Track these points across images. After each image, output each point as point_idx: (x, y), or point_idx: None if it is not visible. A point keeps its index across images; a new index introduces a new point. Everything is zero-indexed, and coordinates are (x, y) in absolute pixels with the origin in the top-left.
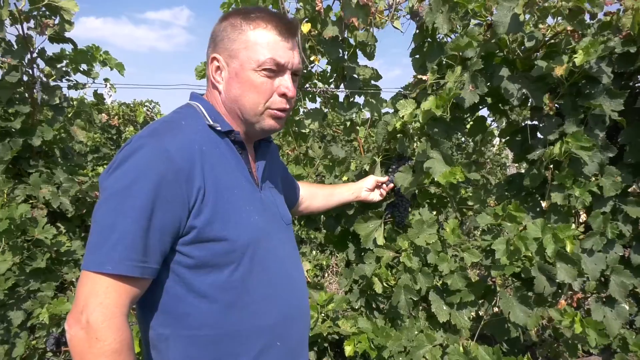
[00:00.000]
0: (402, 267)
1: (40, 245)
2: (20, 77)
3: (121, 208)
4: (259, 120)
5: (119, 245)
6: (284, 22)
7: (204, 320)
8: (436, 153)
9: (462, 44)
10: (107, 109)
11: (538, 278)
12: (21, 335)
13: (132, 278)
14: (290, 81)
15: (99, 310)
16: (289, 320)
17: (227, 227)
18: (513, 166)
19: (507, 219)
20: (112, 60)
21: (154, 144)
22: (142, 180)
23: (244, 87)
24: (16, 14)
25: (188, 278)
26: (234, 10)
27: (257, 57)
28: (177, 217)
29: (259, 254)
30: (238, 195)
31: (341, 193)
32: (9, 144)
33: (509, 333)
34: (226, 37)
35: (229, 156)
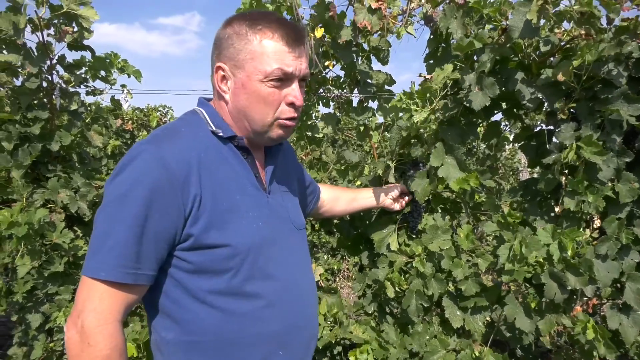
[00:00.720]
0: (414, 272)
1: (58, 250)
2: (40, 84)
3: (117, 215)
4: (268, 130)
5: (113, 252)
6: (291, 30)
7: (204, 326)
8: (450, 159)
9: (464, 44)
10: (121, 113)
11: (548, 284)
12: (39, 338)
13: (126, 285)
14: (298, 90)
15: (93, 315)
16: (293, 329)
17: (225, 234)
18: (526, 171)
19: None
20: (130, 68)
21: (151, 152)
22: (137, 188)
23: (252, 99)
24: (36, 21)
25: (187, 283)
26: (239, 16)
27: (264, 68)
28: (172, 224)
29: (261, 261)
30: (240, 201)
31: (365, 199)
32: (28, 149)
33: (522, 340)
34: (231, 46)
35: (233, 162)
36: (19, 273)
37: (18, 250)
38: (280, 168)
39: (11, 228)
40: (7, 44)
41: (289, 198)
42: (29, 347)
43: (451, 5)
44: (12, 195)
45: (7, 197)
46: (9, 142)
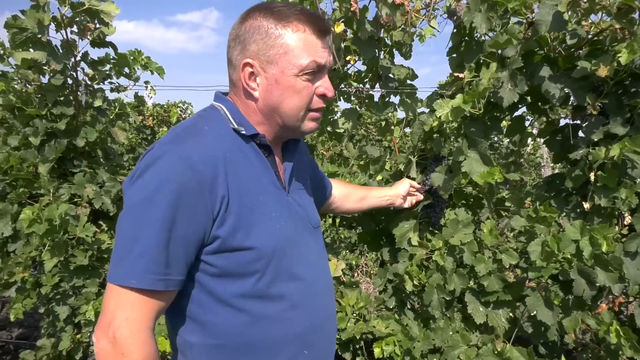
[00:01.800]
0: (434, 265)
1: (82, 244)
2: (65, 80)
3: (143, 219)
4: (301, 124)
5: (142, 258)
6: (319, 22)
7: (229, 329)
8: (474, 153)
9: (501, 41)
10: (144, 110)
11: (577, 281)
12: (67, 330)
13: (157, 291)
14: (329, 81)
15: (126, 325)
16: (316, 328)
17: (251, 236)
18: (548, 166)
19: (539, 221)
20: (153, 64)
21: (176, 152)
22: (164, 190)
23: (286, 94)
24: (60, 19)
25: (212, 287)
26: (260, 9)
27: (299, 62)
28: (201, 227)
29: (285, 262)
30: (263, 202)
31: (375, 197)
32: (54, 144)
33: (547, 336)
34: (260, 41)
35: (255, 161)
36: (46, 267)
37: (44, 244)
38: (297, 166)
39: (32, 226)
40: (33, 42)
41: (305, 196)
42: (56, 339)
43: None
44: (39, 190)
45: (35, 192)
46: (35, 137)
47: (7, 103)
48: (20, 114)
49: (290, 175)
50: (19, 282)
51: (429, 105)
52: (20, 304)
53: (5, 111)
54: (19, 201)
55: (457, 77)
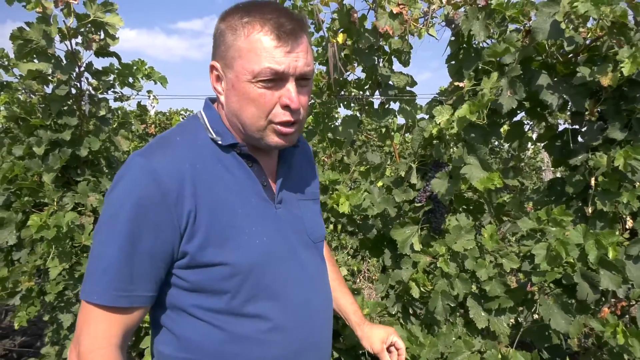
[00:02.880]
0: (439, 272)
1: (87, 251)
2: (69, 91)
3: (108, 236)
4: (263, 136)
5: (105, 275)
6: (285, 20)
7: (203, 345)
8: (473, 159)
9: (499, 50)
10: (147, 118)
11: (581, 285)
12: (70, 337)
13: (122, 308)
14: (293, 91)
15: (87, 340)
16: (300, 354)
17: (223, 251)
18: (549, 170)
19: (552, 223)
20: (156, 74)
21: (142, 165)
22: (128, 205)
23: (242, 101)
24: (64, 30)
25: (185, 301)
26: (234, 8)
27: (251, 67)
28: (168, 241)
29: (267, 280)
30: (242, 215)
31: (347, 309)
32: (58, 154)
33: (550, 340)
34: (222, 43)
35: (236, 171)
36: (51, 274)
37: (49, 252)
38: (296, 173)
39: (41, 231)
40: (38, 53)
41: (307, 206)
42: (60, 346)
43: (473, 7)
44: (43, 199)
45: (39, 200)
46: (39, 147)
47: (11, 114)
48: (25, 124)
49: (282, 184)
50: (23, 291)
51: (429, 112)
52: (24, 312)
53: (9, 122)
54: (23, 210)
55: (457, 87)
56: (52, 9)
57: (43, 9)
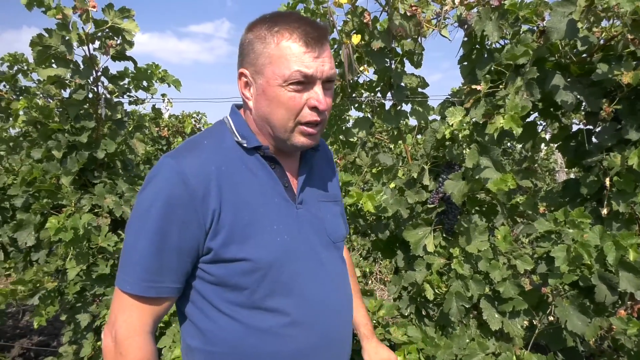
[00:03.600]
0: (453, 274)
1: (104, 252)
2: (86, 95)
3: (140, 230)
4: (290, 137)
5: (137, 266)
6: (311, 29)
7: (225, 338)
8: (486, 160)
9: (518, 53)
10: (162, 122)
11: (599, 287)
12: (87, 336)
13: (150, 298)
14: (321, 93)
15: (124, 326)
16: (317, 349)
17: (245, 248)
18: (562, 171)
19: (570, 225)
20: (170, 77)
21: (172, 166)
22: (158, 203)
23: (272, 104)
24: (83, 36)
25: (210, 294)
26: (260, 19)
27: (282, 72)
28: (194, 238)
29: (285, 276)
30: (263, 214)
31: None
32: (76, 156)
33: (565, 343)
34: (251, 51)
35: (259, 173)
36: (69, 275)
37: (67, 253)
38: (317, 175)
39: (58, 234)
40: (57, 58)
41: (327, 207)
42: (78, 345)
43: (486, 7)
44: (61, 200)
45: (57, 202)
46: (58, 150)
47: (30, 118)
48: (43, 128)
49: (303, 185)
50: (43, 291)
51: (441, 113)
52: (43, 312)
53: (28, 125)
54: (42, 212)
55: (474, 89)
56: (71, 15)
57: (63, 16)
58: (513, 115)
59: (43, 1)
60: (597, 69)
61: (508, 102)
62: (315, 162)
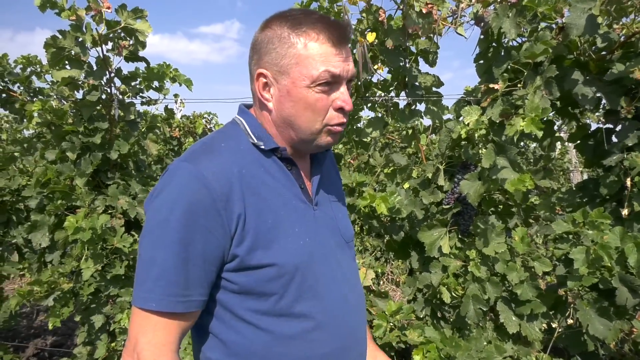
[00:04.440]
0: (470, 276)
1: (119, 253)
2: (100, 96)
3: (160, 241)
4: (316, 138)
5: (161, 280)
6: (336, 29)
7: (251, 348)
8: (503, 160)
9: (538, 51)
10: (174, 122)
11: (620, 289)
12: (102, 338)
13: (178, 313)
14: (347, 93)
15: (148, 348)
16: (346, 350)
17: (270, 253)
18: (577, 170)
19: (589, 226)
20: (181, 77)
21: (189, 170)
22: (179, 210)
23: (298, 106)
24: (96, 37)
25: (233, 304)
26: (278, 17)
27: (310, 73)
28: (219, 245)
29: (310, 280)
30: (284, 217)
31: None
32: (89, 158)
33: (585, 346)
34: (273, 51)
35: (277, 175)
36: (84, 276)
37: (82, 254)
38: (327, 176)
39: (77, 233)
40: (70, 60)
41: (338, 208)
42: (92, 347)
43: (503, 4)
44: (76, 202)
45: (72, 203)
46: (72, 152)
47: (44, 120)
48: (57, 130)
49: (318, 187)
50: (58, 292)
51: (456, 113)
52: (58, 313)
53: (42, 127)
54: (56, 213)
55: (491, 88)
56: (84, 16)
57: (77, 18)
58: (533, 118)
59: (56, 3)
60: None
61: (527, 103)
62: (324, 164)
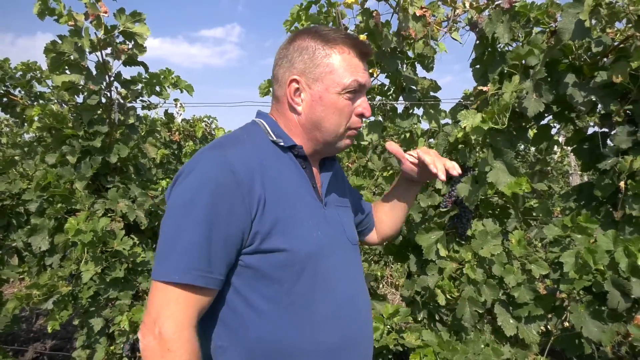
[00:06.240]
0: (465, 278)
1: (119, 256)
2: (99, 100)
3: (186, 220)
4: (338, 140)
5: (185, 255)
6: (362, 45)
7: (262, 335)
8: (500, 163)
9: (523, 52)
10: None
11: (612, 293)
12: (101, 341)
13: (199, 288)
14: (367, 102)
15: (170, 321)
16: (351, 345)
17: (286, 239)
18: (576, 174)
19: (577, 231)
20: (182, 82)
21: (216, 156)
22: (205, 191)
23: (328, 110)
24: (95, 42)
25: (246, 290)
26: (308, 31)
27: (342, 81)
28: (240, 227)
29: (322, 270)
30: (300, 209)
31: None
32: (89, 161)
33: (582, 349)
34: (308, 60)
35: (293, 170)
36: (83, 279)
37: (82, 257)
38: (333, 182)
39: (77, 235)
40: (70, 65)
41: (344, 212)
42: (91, 350)
43: (497, 10)
44: (75, 205)
45: (71, 207)
46: (72, 155)
47: (44, 124)
48: (57, 134)
49: (327, 189)
50: (58, 295)
51: (454, 116)
52: (57, 316)
53: (42, 131)
54: (56, 216)
55: (481, 91)
56: (83, 21)
57: (75, 22)
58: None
59: (54, 9)
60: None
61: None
62: (332, 170)
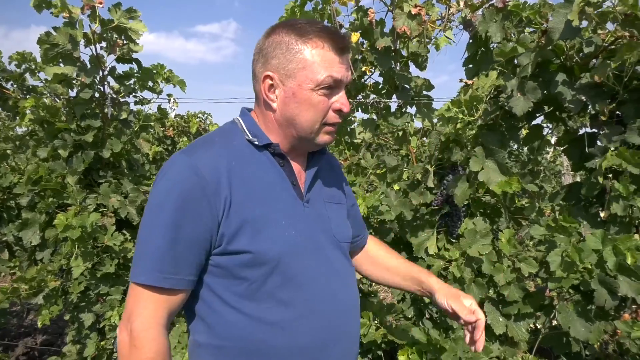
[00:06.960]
0: (451, 277)
1: (109, 252)
2: (93, 94)
3: (154, 223)
4: (315, 136)
5: (151, 257)
6: (339, 39)
7: (232, 332)
8: (491, 162)
9: (507, 50)
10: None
11: (598, 291)
12: (91, 336)
13: (166, 289)
14: (345, 97)
15: (139, 320)
16: (328, 344)
17: (255, 240)
18: (568, 174)
19: (559, 231)
20: (175, 78)
21: (185, 160)
22: (172, 196)
23: (302, 107)
24: (90, 35)
25: (218, 288)
26: (284, 25)
27: (315, 77)
28: (207, 229)
29: (294, 270)
30: (273, 208)
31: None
32: (81, 156)
33: (570, 347)
34: (280, 55)
35: (268, 169)
36: (74, 274)
37: (73, 252)
38: (323, 178)
39: (66, 231)
40: (64, 57)
41: (333, 209)
42: (82, 345)
43: (490, 9)
44: (67, 200)
45: (63, 201)
46: (64, 149)
47: (36, 117)
48: (49, 127)
49: (310, 185)
50: (47, 290)
51: None
52: (47, 311)
53: (34, 124)
54: (47, 211)
55: (467, 84)
56: (78, 14)
57: (69, 14)
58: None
59: (51, 2)
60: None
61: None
62: (320, 166)
